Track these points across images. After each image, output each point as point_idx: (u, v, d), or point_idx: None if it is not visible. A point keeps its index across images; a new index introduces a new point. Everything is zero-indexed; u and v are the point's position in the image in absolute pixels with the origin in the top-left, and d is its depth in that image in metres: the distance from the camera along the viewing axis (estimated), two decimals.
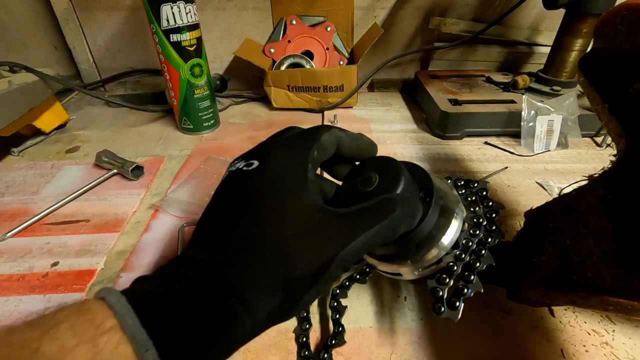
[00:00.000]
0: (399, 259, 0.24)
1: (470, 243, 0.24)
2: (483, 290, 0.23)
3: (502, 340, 0.29)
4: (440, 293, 0.23)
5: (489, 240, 0.24)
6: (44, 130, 0.58)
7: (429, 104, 0.60)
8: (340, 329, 0.28)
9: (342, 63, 0.69)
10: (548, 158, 0.52)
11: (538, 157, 0.52)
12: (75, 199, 0.44)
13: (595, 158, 0.52)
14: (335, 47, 0.69)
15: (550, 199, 0.25)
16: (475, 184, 0.28)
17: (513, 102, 0.57)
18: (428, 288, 0.24)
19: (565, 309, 0.31)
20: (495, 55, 0.73)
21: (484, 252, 0.24)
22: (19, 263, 0.36)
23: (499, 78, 0.65)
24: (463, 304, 0.23)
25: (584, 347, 0.28)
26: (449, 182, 0.28)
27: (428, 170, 0.25)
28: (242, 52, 0.64)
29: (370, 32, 0.66)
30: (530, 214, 0.26)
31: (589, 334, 0.29)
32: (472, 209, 0.26)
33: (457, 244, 0.24)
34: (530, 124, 0.52)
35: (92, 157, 0.51)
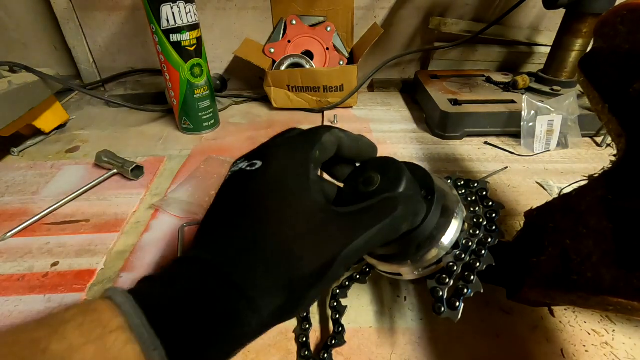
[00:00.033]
0: (399, 259, 0.24)
1: (470, 243, 0.24)
2: (483, 290, 0.23)
3: (502, 340, 0.29)
4: (440, 293, 0.24)
5: (489, 240, 0.24)
6: (44, 130, 0.58)
7: (429, 104, 0.60)
8: (340, 329, 0.28)
9: (342, 63, 0.69)
10: (548, 158, 0.52)
11: (538, 157, 0.52)
12: (75, 199, 0.45)
13: (595, 158, 0.52)
14: (335, 47, 0.69)
15: (550, 199, 0.25)
16: (475, 184, 0.28)
17: (513, 102, 0.57)
18: (428, 288, 0.24)
19: (565, 309, 0.31)
20: (495, 55, 0.73)
21: (484, 252, 0.24)
22: (19, 263, 0.36)
23: (499, 78, 0.65)
24: (463, 304, 0.23)
25: (584, 347, 0.28)
26: (449, 182, 0.28)
27: (428, 170, 0.25)
28: (242, 52, 0.64)
29: (370, 32, 0.66)
30: (530, 214, 0.26)
31: (589, 334, 0.29)
32: (472, 209, 0.26)
33: (457, 244, 0.24)
34: (530, 124, 0.52)
35: (92, 157, 0.51)
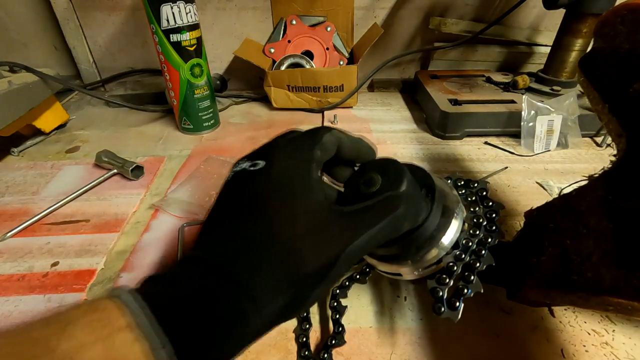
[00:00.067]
0: (399, 259, 0.24)
1: (470, 243, 0.24)
2: (483, 290, 0.23)
3: (502, 340, 0.29)
4: (440, 293, 0.24)
5: (489, 241, 0.24)
6: (44, 130, 0.58)
7: (429, 104, 0.60)
8: (340, 329, 0.28)
9: (342, 63, 0.69)
10: (548, 158, 0.52)
11: (538, 157, 0.52)
12: (75, 199, 0.44)
13: (595, 158, 0.52)
14: (335, 47, 0.69)
15: (550, 199, 0.25)
16: (475, 184, 0.28)
17: (513, 102, 0.57)
18: (428, 288, 0.24)
19: (565, 309, 0.31)
20: (495, 55, 0.73)
21: (484, 252, 0.24)
22: (19, 263, 0.36)
23: (499, 78, 0.65)
24: (463, 304, 0.23)
25: (584, 347, 0.28)
26: (449, 182, 0.28)
27: (428, 171, 0.25)
28: (242, 52, 0.64)
29: (370, 32, 0.66)
30: (530, 214, 0.26)
31: (589, 334, 0.29)
32: (472, 209, 0.26)
33: (457, 244, 0.24)
34: (530, 124, 0.52)
35: (92, 157, 0.51)
